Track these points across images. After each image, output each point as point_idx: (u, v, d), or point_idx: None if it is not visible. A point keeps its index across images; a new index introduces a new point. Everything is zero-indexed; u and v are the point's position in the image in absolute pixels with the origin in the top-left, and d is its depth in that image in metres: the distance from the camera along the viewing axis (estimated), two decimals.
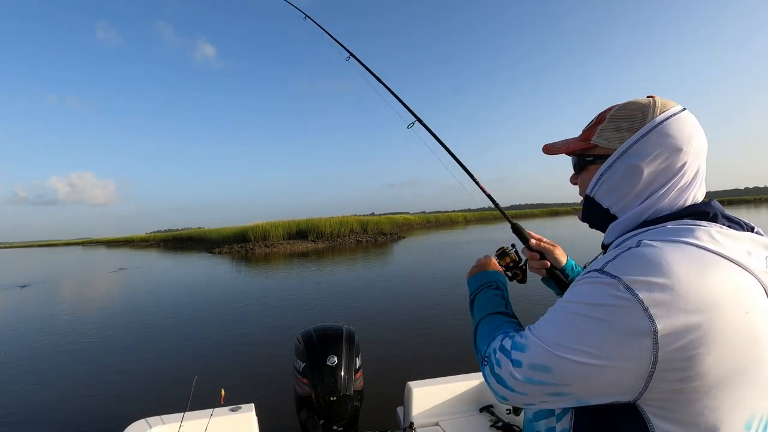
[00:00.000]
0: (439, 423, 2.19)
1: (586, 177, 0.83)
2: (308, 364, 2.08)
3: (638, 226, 0.75)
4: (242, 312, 8.64)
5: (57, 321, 8.88)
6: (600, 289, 0.63)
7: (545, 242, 1.14)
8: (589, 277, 0.66)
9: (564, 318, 0.66)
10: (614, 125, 0.77)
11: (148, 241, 58.64)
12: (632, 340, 0.59)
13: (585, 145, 0.81)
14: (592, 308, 0.63)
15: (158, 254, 19.72)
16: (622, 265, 0.63)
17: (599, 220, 0.83)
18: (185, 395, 1.81)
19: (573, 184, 0.88)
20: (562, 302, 0.69)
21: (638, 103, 0.77)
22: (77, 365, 5.78)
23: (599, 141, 0.79)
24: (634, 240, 0.69)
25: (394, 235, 32.64)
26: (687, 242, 0.63)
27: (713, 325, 0.57)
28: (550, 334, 0.66)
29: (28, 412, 4.26)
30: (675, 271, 0.59)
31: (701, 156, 0.74)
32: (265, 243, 29.14)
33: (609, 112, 0.80)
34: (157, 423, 1.89)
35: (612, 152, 0.76)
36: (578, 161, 0.84)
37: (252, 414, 2.01)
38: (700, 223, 0.68)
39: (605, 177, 0.78)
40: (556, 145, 0.87)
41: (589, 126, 0.82)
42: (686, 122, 0.73)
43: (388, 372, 4.50)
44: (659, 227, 0.70)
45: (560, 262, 1.13)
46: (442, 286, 10.04)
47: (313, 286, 11.32)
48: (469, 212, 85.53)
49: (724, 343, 0.58)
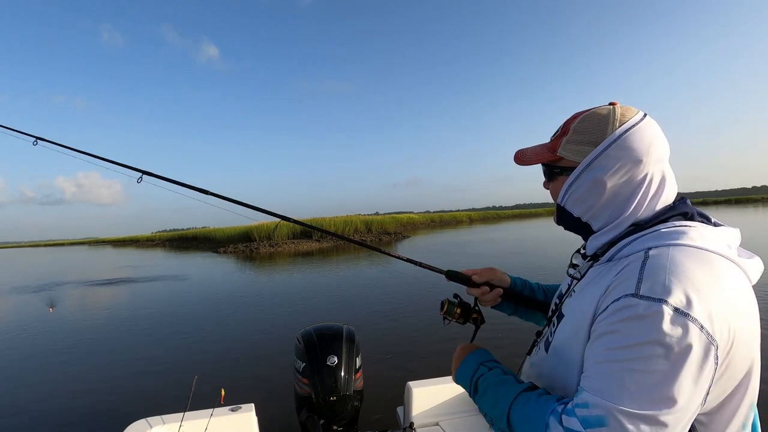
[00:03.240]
0: (439, 423, 2.18)
1: (555, 186, 0.86)
2: (308, 364, 2.08)
3: (624, 234, 0.77)
4: (243, 312, 8.66)
5: (57, 321, 8.95)
6: (653, 321, 0.60)
7: (483, 271, 1.12)
8: (632, 309, 0.62)
9: (631, 368, 0.61)
10: (577, 138, 0.80)
11: (154, 240, 59.01)
12: (705, 365, 0.60)
13: (552, 157, 0.84)
14: (656, 347, 0.60)
15: (163, 253, 19.83)
16: (653, 283, 0.63)
17: (573, 225, 0.87)
18: (185, 395, 1.82)
19: (546, 189, 0.91)
20: (617, 349, 0.63)
21: (599, 114, 0.79)
22: (77, 365, 5.82)
23: (564, 154, 0.82)
24: (635, 248, 0.72)
25: (398, 235, 32.64)
26: (689, 245, 0.67)
27: (739, 323, 0.63)
28: (629, 394, 0.60)
29: (28, 412, 4.28)
30: (699, 280, 0.63)
31: (663, 162, 0.78)
32: (269, 242, 29.23)
33: (572, 123, 0.81)
34: (157, 423, 1.90)
35: (576, 165, 0.80)
36: (548, 171, 0.87)
37: (252, 414, 2.01)
38: (687, 224, 0.72)
39: (572, 189, 0.81)
40: (528, 155, 0.89)
41: (556, 137, 0.85)
42: (645, 132, 0.76)
43: (388, 372, 4.50)
44: (653, 232, 0.72)
45: (507, 282, 1.13)
46: (443, 285, 9.99)
47: (315, 285, 11.34)
48: (473, 212, 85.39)
49: (745, 339, 0.64)
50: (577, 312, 0.77)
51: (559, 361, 0.79)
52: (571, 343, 0.75)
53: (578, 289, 0.83)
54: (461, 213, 73.49)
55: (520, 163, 0.89)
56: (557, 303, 0.94)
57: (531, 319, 1.16)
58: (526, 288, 1.16)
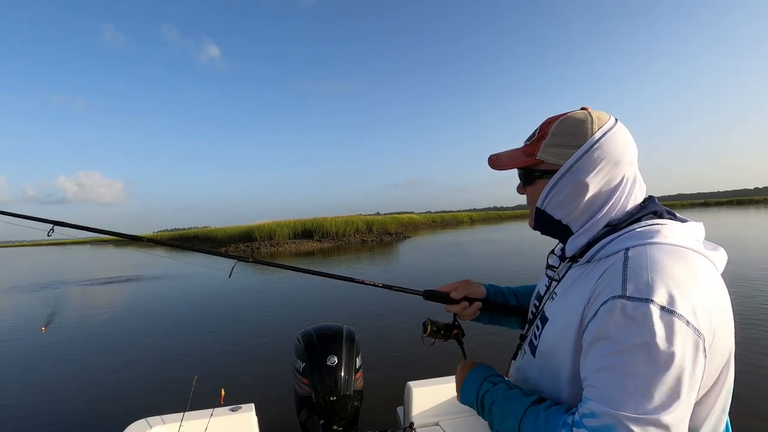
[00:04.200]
0: (439, 423, 2.18)
1: (534, 190, 0.85)
2: (308, 364, 2.08)
3: (601, 234, 0.78)
4: (243, 312, 8.67)
5: (57, 321, 8.95)
6: (643, 322, 0.62)
7: (459, 285, 1.09)
8: (621, 311, 0.64)
9: (630, 372, 0.61)
10: (558, 141, 0.80)
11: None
12: (696, 359, 0.62)
13: (531, 161, 0.84)
14: (650, 348, 0.61)
15: (164, 253, 19.88)
16: (637, 283, 0.65)
17: (552, 229, 0.87)
18: (185, 395, 1.82)
19: (520, 194, 0.90)
20: (613, 355, 0.63)
21: (576, 117, 0.80)
22: (77, 365, 5.82)
23: (545, 157, 0.82)
24: (613, 248, 0.73)
25: (399, 235, 32.59)
26: (664, 243, 0.70)
27: (717, 314, 0.66)
28: (633, 399, 0.60)
29: (28, 413, 4.28)
30: (679, 276, 0.64)
31: (635, 164, 0.81)
32: (270, 242, 29.27)
33: (550, 127, 0.82)
34: (157, 423, 1.90)
35: (557, 168, 0.80)
36: (525, 175, 0.87)
37: (252, 414, 2.01)
38: (659, 222, 0.74)
39: (554, 192, 0.81)
40: (503, 160, 0.88)
41: (532, 141, 0.85)
42: (620, 135, 0.79)
43: (388, 372, 4.49)
44: (628, 232, 0.74)
45: (483, 293, 1.11)
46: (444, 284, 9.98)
47: (315, 285, 11.33)
48: (474, 212, 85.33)
49: (724, 328, 0.68)
50: (561, 315, 0.78)
51: (546, 364, 0.80)
52: (558, 347, 0.76)
53: (560, 291, 0.83)
54: (462, 213, 73.45)
55: (495, 168, 0.89)
56: (537, 305, 0.94)
57: (505, 324, 1.16)
58: (499, 295, 1.15)
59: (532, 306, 0.98)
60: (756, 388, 3.62)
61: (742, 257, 10.60)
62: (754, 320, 5.52)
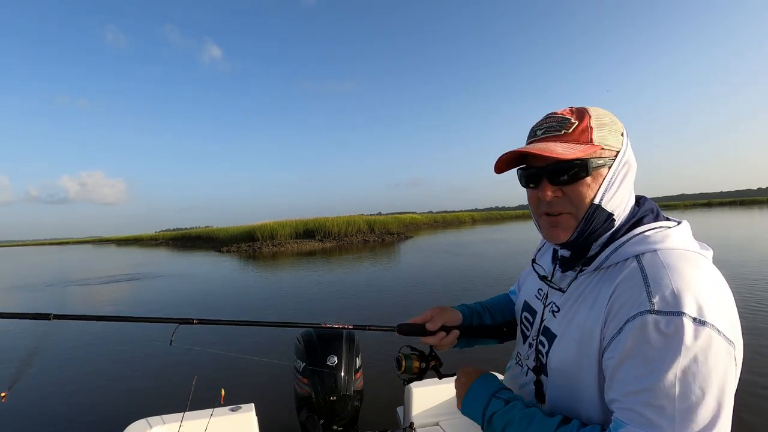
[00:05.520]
0: (439, 423, 2.17)
1: (579, 188, 0.72)
2: (308, 364, 2.07)
3: (608, 238, 0.75)
4: (243, 311, 8.67)
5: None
6: (677, 337, 0.58)
7: (434, 314, 1.01)
8: (653, 327, 0.60)
9: (670, 394, 0.58)
10: (610, 128, 0.74)
11: (157, 240, 59.22)
12: (729, 368, 0.60)
13: (593, 149, 0.71)
14: (687, 365, 0.58)
15: (167, 253, 19.88)
16: (663, 294, 0.61)
17: (591, 234, 0.75)
18: (185, 395, 1.82)
19: (552, 197, 0.74)
20: (649, 375, 0.59)
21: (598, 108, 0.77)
22: (77, 365, 5.82)
23: (605, 143, 0.72)
24: (622, 255, 0.70)
25: (401, 235, 32.59)
26: (674, 248, 0.68)
27: (734, 317, 0.63)
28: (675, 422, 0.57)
29: (28, 412, 4.28)
30: (698, 283, 0.62)
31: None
32: (272, 242, 29.28)
33: (588, 111, 0.75)
34: (157, 423, 1.90)
35: (615, 154, 0.73)
36: (579, 169, 0.71)
37: (252, 414, 2.01)
38: (662, 225, 0.72)
39: (614, 180, 0.72)
40: (557, 150, 0.70)
41: (576, 129, 0.73)
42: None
43: (389, 372, 4.47)
44: (636, 236, 0.71)
45: (459, 319, 1.03)
46: (445, 284, 9.98)
47: (317, 285, 11.34)
48: (476, 212, 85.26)
49: (739, 331, 0.64)
50: (574, 331, 0.72)
51: (562, 381, 0.75)
52: (575, 365, 0.71)
53: (565, 303, 0.77)
54: (464, 213, 73.35)
55: (548, 162, 0.73)
56: (529, 318, 0.89)
57: (483, 344, 1.10)
58: (475, 315, 1.07)
59: (524, 319, 0.92)
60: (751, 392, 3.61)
61: (742, 257, 10.58)
62: (754, 319, 5.52)
